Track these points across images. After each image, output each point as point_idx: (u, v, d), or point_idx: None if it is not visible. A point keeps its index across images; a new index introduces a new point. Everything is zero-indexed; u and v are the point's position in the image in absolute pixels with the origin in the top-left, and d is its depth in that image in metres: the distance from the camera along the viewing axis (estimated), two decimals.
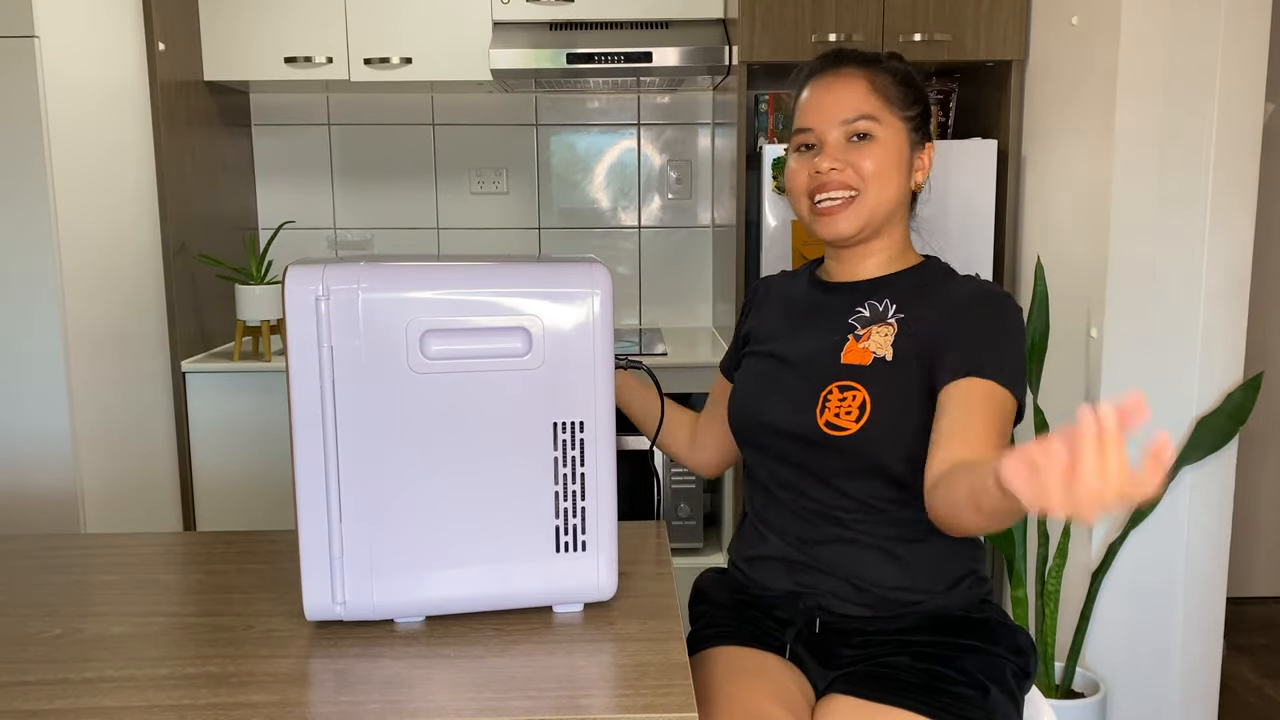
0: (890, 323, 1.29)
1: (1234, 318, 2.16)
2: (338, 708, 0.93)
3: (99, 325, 2.30)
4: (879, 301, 1.32)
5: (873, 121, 1.29)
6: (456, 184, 3.21)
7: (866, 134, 1.29)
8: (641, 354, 2.74)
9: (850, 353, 1.29)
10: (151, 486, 2.54)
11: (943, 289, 1.31)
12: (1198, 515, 2.22)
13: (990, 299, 1.27)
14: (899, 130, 1.31)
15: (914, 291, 1.32)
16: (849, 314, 1.33)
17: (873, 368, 1.27)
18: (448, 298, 1.04)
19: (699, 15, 2.78)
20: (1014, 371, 1.22)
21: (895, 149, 1.30)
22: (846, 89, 1.31)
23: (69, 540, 1.39)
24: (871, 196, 1.29)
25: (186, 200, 2.69)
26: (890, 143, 1.30)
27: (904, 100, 1.32)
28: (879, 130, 1.29)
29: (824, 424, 1.26)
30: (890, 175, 1.30)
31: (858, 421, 1.24)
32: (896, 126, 1.31)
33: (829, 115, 1.31)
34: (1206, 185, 2.12)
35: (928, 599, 1.27)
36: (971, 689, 1.19)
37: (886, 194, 1.30)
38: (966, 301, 1.27)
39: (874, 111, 1.30)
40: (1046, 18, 2.42)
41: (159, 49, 2.53)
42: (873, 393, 1.25)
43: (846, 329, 1.32)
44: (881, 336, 1.28)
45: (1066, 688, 2.23)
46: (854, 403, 1.25)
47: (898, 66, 1.35)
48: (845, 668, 1.26)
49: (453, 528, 1.07)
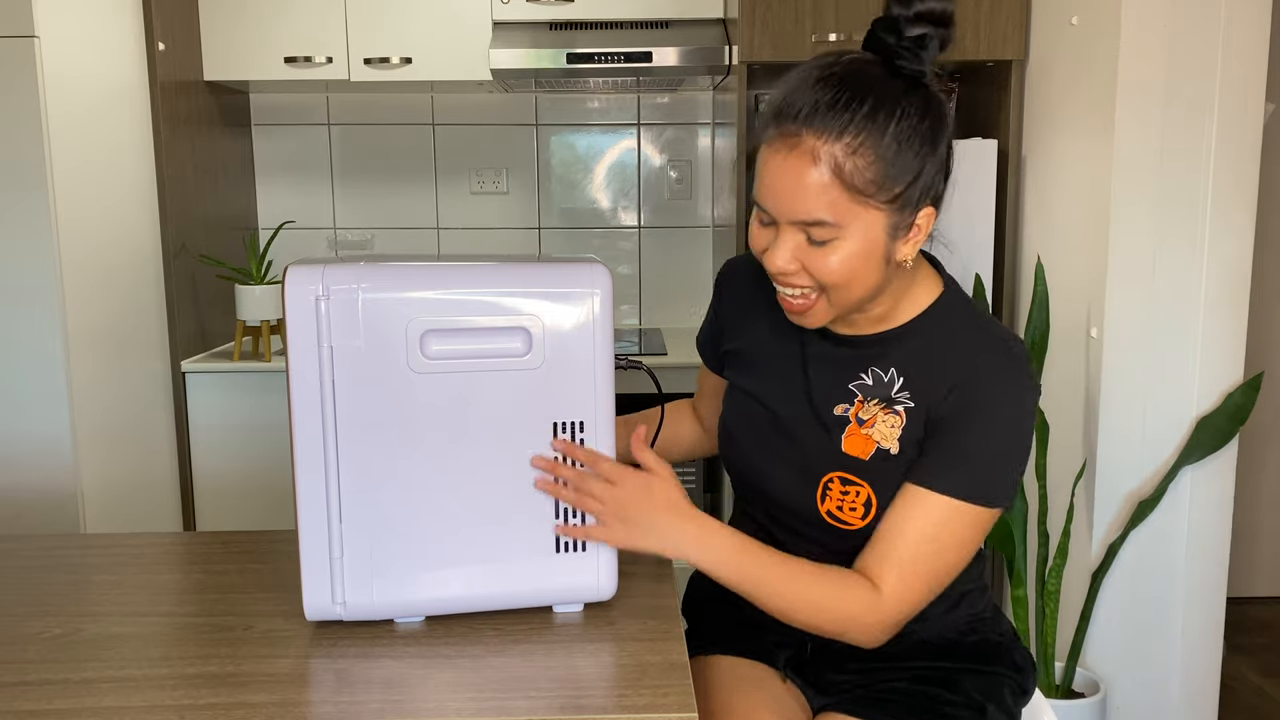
0: (898, 411, 1.14)
1: (1234, 318, 2.16)
2: (338, 708, 0.93)
3: (99, 325, 2.30)
4: (884, 371, 1.16)
5: (831, 227, 1.04)
6: (456, 184, 3.21)
7: (825, 240, 1.05)
8: (641, 354, 2.74)
9: (851, 438, 1.16)
10: (151, 486, 2.54)
11: (954, 361, 1.13)
12: (1198, 515, 2.22)
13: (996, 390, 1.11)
14: (874, 222, 1.05)
15: (923, 361, 1.15)
16: (849, 378, 1.18)
17: (874, 462, 1.15)
18: (448, 298, 1.04)
19: (699, 15, 2.78)
20: (992, 484, 1.10)
21: (865, 248, 1.06)
22: (803, 178, 1.03)
23: (69, 540, 1.39)
24: (838, 294, 1.09)
25: (186, 200, 2.69)
26: (859, 243, 1.05)
27: (885, 182, 1.03)
28: (843, 232, 1.05)
29: (825, 513, 1.17)
30: (858, 275, 1.07)
31: (863, 519, 1.15)
32: (870, 219, 1.05)
33: (782, 208, 1.06)
34: (1206, 185, 2.12)
35: (925, 625, 1.21)
36: (968, 709, 1.18)
37: (856, 292, 1.09)
38: (969, 391, 1.11)
39: (835, 215, 1.03)
40: (1046, 18, 2.42)
41: (159, 49, 2.52)
42: (877, 490, 1.14)
43: (845, 397, 1.17)
44: (887, 427, 1.15)
45: (1066, 688, 2.23)
46: (858, 499, 1.15)
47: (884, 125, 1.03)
48: (839, 693, 1.23)
49: (453, 528, 1.07)
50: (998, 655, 1.25)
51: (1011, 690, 1.23)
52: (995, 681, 1.22)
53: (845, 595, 1.10)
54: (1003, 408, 1.10)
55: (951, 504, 1.10)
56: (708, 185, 3.22)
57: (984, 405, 1.10)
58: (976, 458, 1.10)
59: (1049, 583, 2.20)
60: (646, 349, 2.81)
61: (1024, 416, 1.11)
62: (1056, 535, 2.27)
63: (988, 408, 1.10)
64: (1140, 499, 2.18)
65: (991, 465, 1.11)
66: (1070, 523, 2.19)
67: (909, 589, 1.11)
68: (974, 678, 1.22)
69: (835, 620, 1.11)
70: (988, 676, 1.22)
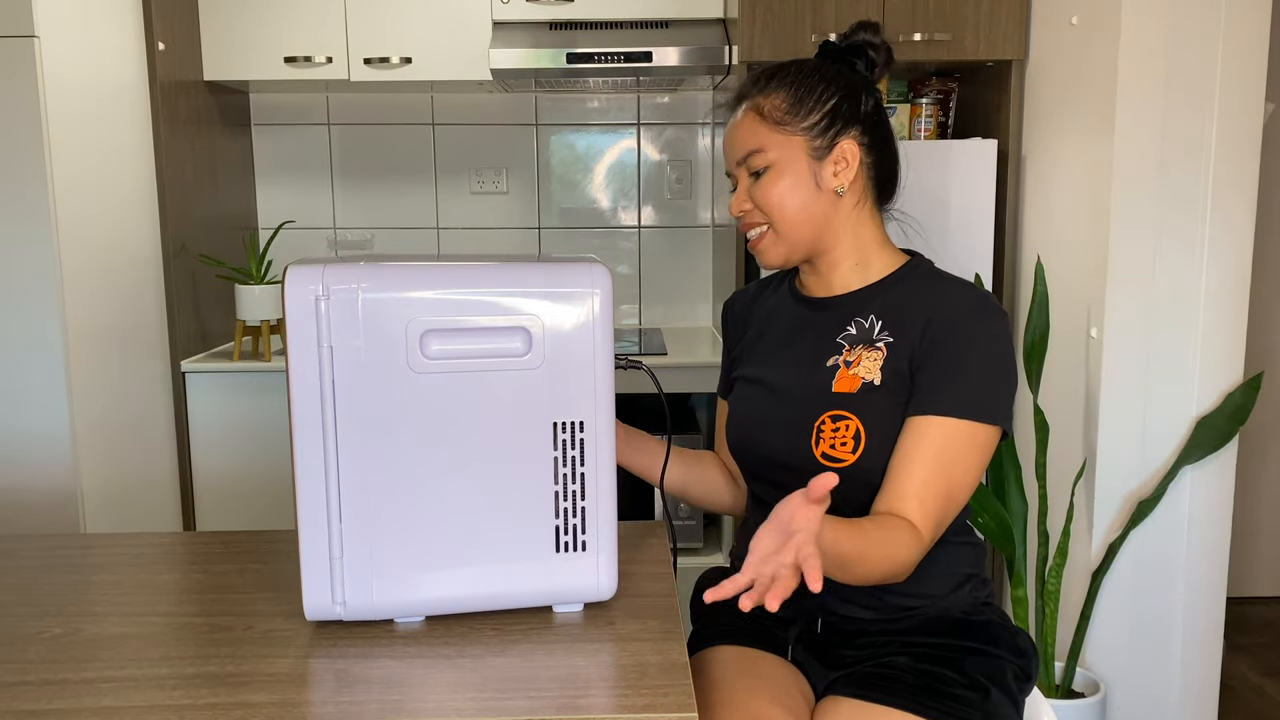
0: (879, 347, 1.27)
1: (1234, 318, 2.16)
2: (338, 708, 0.93)
3: (99, 325, 2.30)
4: (864, 319, 1.29)
5: (760, 154, 1.28)
6: (456, 184, 3.21)
7: (760, 168, 1.28)
8: (641, 354, 2.74)
9: (840, 379, 1.27)
10: (151, 486, 2.54)
11: (926, 302, 1.26)
12: (1198, 515, 2.22)
13: (968, 318, 1.23)
14: (794, 145, 1.27)
15: (899, 305, 1.28)
16: (836, 332, 1.31)
17: (861, 394, 1.25)
18: (448, 298, 1.04)
19: (699, 15, 2.78)
20: (982, 401, 1.20)
21: (791, 171, 1.27)
22: (738, 128, 1.31)
23: (69, 540, 1.39)
24: (782, 226, 1.29)
25: (186, 200, 2.69)
26: (785, 165, 1.28)
27: (798, 111, 1.28)
28: (770, 158, 1.28)
29: (820, 455, 1.25)
30: (791, 200, 1.28)
31: (854, 452, 1.23)
32: (789, 143, 1.28)
33: (730, 156, 1.33)
34: (1206, 185, 2.12)
35: (930, 602, 1.27)
36: (972, 690, 1.19)
37: (797, 219, 1.28)
38: (945, 322, 1.24)
39: (760, 143, 1.28)
40: (1046, 18, 2.42)
41: (159, 49, 2.52)
42: (865, 421, 1.24)
43: (834, 350, 1.29)
44: (870, 361, 1.26)
45: (1066, 688, 2.23)
46: (848, 433, 1.24)
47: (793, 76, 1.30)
48: (846, 668, 1.26)
49: (452, 527, 1.07)
50: (1001, 638, 1.27)
51: (1015, 675, 1.25)
52: (998, 664, 1.24)
53: (901, 543, 1.15)
54: (978, 330, 1.23)
55: (950, 423, 1.20)
56: (708, 185, 3.22)
57: (960, 332, 1.23)
58: (963, 377, 1.21)
59: (1049, 583, 2.20)
60: (646, 349, 2.81)
61: (999, 336, 1.23)
62: (1056, 535, 2.27)
63: (964, 333, 1.23)
64: (1140, 499, 2.19)
65: (979, 383, 1.21)
66: (1070, 523, 2.19)
67: (928, 513, 1.18)
68: (977, 659, 1.23)
69: (900, 566, 1.16)
70: (991, 658, 1.24)
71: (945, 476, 1.19)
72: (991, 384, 1.22)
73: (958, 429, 1.20)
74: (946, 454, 1.19)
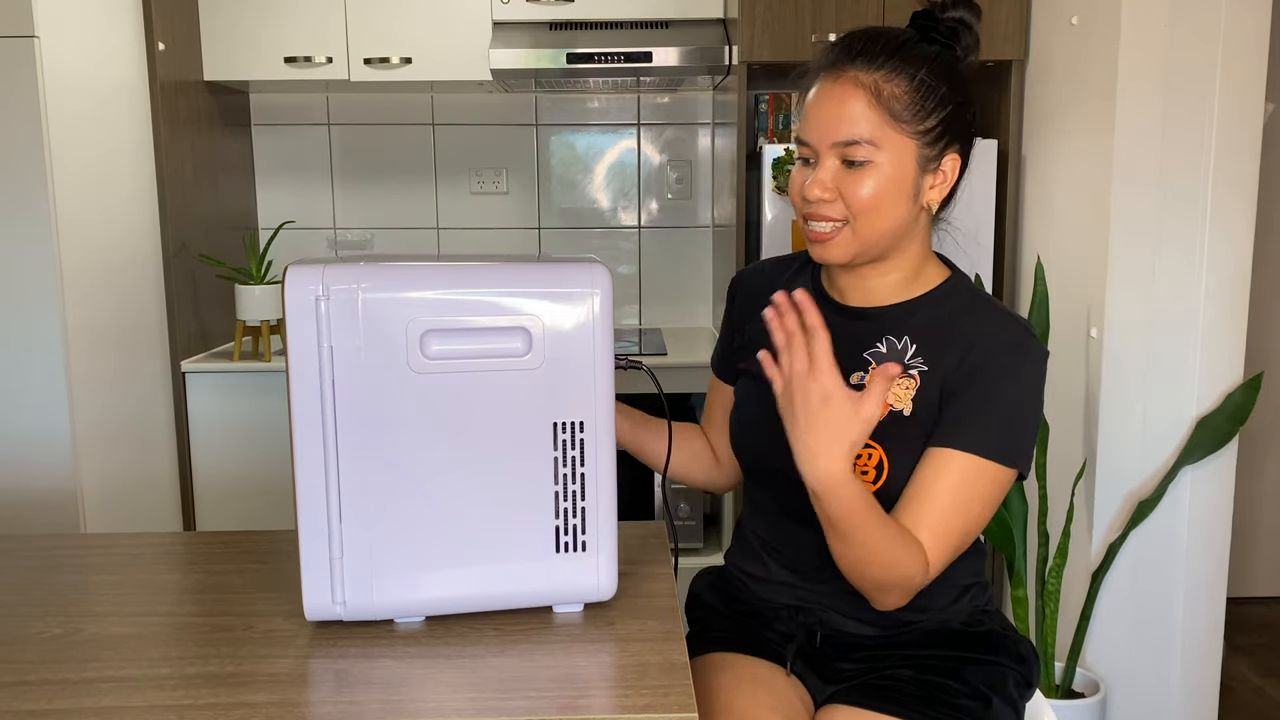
0: (912, 375, 1.19)
1: (1234, 318, 2.16)
2: (338, 708, 0.93)
3: (99, 325, 2.30)
4: (898, 339, 1.21)
5: (869, 147, 1.15)
6: (456, 184, 3.21)
7: (860, 160, 1.15)
8: (641, 354, 2.74)
9: None
10: (151, 486, 2.54)
11: (964, 330, 1.19)
12: (1198, 515, 2.22)
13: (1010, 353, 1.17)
14: (905, 149, 1.16)
15: (937, 329, 1.20)
16: (864, 347, 1.22)
17: (889, 424, 1.18)
18: (448, 298, 1.04)
19: (699, 15, 2.78)
20: (1010, 444, 1.15)
21: (896, 175, 1.16)
22: (845, 103, 1.15)
23: (69, 540, 1.39)
24: (864, 228, 1.17)
25: (186, 200, 2.69)
26: (891, 168, 1.15)
27: (917, 112, 1.15)
28: (878, 155, 1.15)
29: None
30: (886, 205, 1.16)
31: (875, 482, 1.18)
32: (902, 145, 1.16)
33: (824, 133, 1.17)
34: (1206, 185, 2.12)
35: (930, 616, 1.25)
36: (974, 700, 1.19)
37: (881, 225, 1.17)
38: (985, 353, 1.17)
39: (873, 134, 1.14)
40: (1046, 18, 2.42)
41: (159, 49, 2.52)
42: (890, 452, 1.17)
43: (859, 365, 1.22)
44: (901, 389, 1.19)
45: (1066, 688, 2.23)
46: (869, 462, 1.18)
47: (918, 64, 1.16)
48: (845, 681, 1.24)
49: (453, 528, 1.07)
50: (1002, 646, 1.26)
51: (1016, 682, 1.24)
52: (1000, 672, 1.23)
53: (909, 554, 1.12)
54: (1018, 367, 1.16)
55: (976, 461, 1.14)
56: (708, 185, 3.22)
57: (999, 366, 1.16)
58: (995, 417, 1.15)
59: (1049, 583, 2.20)
60: (646, 349, 2.81)
61: (1037, 379, 1.18)
62: (1056, 535, 2.27)
63: (1003, 368, 1.16)
64: (1140, 499, 2.18)
65: (1010, 424, 1.16)
66: (1070, 523, 2.19)
67: (942, 547, 1.14)
68: (979, 668, 1.22)
69: (898, 578, 1.12)
70: (992, 667, 1.23)
71: (964, 515, 1.15)
72: (1021, 426, 1.17)
73: (982, 468, 1.15)
74: (967, 491, 1.15)
